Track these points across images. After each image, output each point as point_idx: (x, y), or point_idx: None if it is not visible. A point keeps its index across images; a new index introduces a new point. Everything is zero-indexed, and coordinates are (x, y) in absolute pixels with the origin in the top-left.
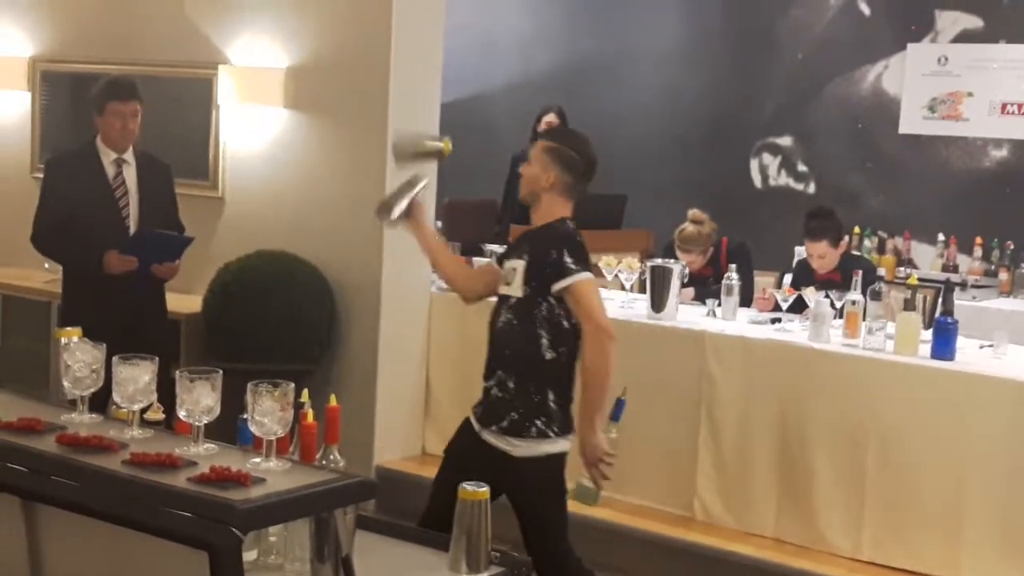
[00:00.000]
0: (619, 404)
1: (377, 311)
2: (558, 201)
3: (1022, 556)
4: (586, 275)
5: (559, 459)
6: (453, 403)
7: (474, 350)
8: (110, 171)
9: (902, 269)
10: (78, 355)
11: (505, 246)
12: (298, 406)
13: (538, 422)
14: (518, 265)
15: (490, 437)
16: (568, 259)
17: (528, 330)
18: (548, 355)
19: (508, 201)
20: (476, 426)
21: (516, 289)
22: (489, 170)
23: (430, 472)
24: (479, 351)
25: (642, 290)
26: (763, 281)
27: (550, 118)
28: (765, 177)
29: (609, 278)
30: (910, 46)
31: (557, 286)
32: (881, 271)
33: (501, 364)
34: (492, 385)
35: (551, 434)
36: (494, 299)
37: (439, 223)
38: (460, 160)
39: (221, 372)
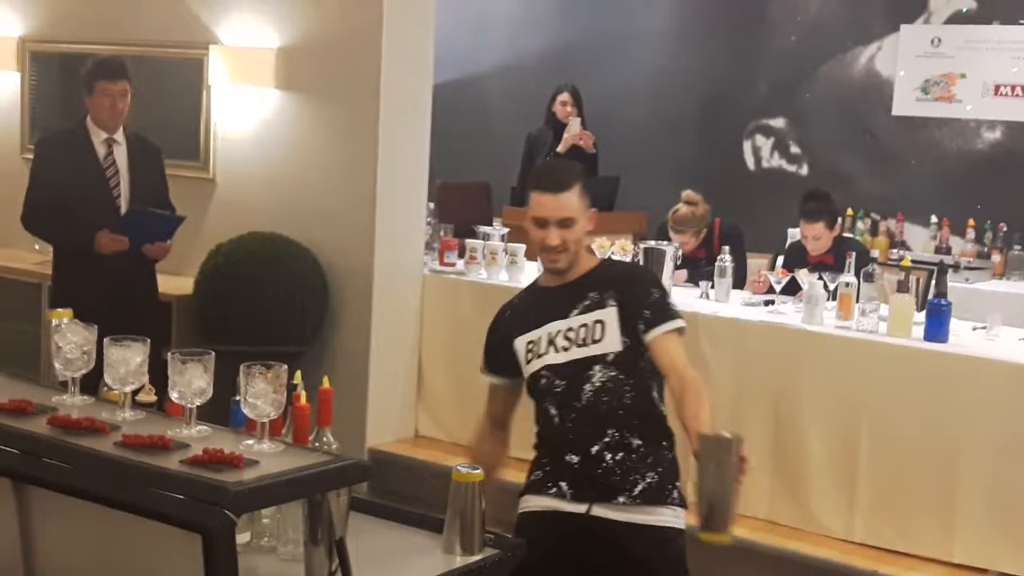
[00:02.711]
0: None
1: (370, 293)
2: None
3: (1014, 537)
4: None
5: (685, 536)
6: (446, 385)
7: (466, 332)
8: (100, 151)
9: (895, 251)
10: (69, 336)
11: (496, 229)
12: (291, 388)
13: (677, 485)
14: (605, 316)
15: (611, 512)
16: (670, 299)
17: (640, 383)
18: (663, 409)
19: (525, 178)
20: (577, 507)
21: (613, 343)
22: (481, 152)
23: (423, 454)
24: (471, 333)
25: None
26: (756, 263)
27: (564, 97)
28: (758, 159)
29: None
30: (903, 27)
31: (660, 330)
32: (874, 253)
33: (612, 423)
34: (602, 449)
35: (685, 504)
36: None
37: (431, 205)
38: (452, 142)
39: (213, 354)
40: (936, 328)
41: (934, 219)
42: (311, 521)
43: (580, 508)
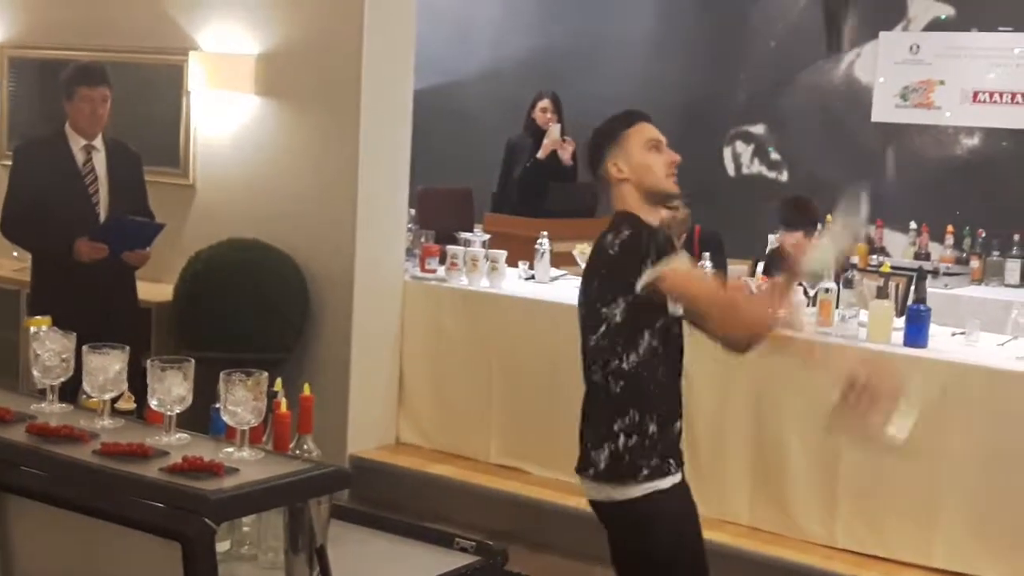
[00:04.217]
0: None
1: (350, 299)
2: None
3: (994, 543)
4: None
5: None
6: (427, 391)
7: (447, 338)
8: (79, 158)
9: (875, 257)
10: (48, 344)
11: (477, 235)
12: (271, 395)
13: None
14: None
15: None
16: None
17: None
18: None
19: (504, 185)
20: (680, 475)
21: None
22: (463, 158)
23: (404, 461)
24: (452, 339)
25: None
26: (737, 269)
27: (544, 103)
28: (738, 165)
29: (584, 265)
30: (882, 34)
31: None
32: (854, 259)
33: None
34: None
35: None
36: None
37: (412, 211)
38: (434, 148)
39: (193, 361)
40: (915, 334)
41: (913, 225)
42: (292, 529)
43: (680, 475)
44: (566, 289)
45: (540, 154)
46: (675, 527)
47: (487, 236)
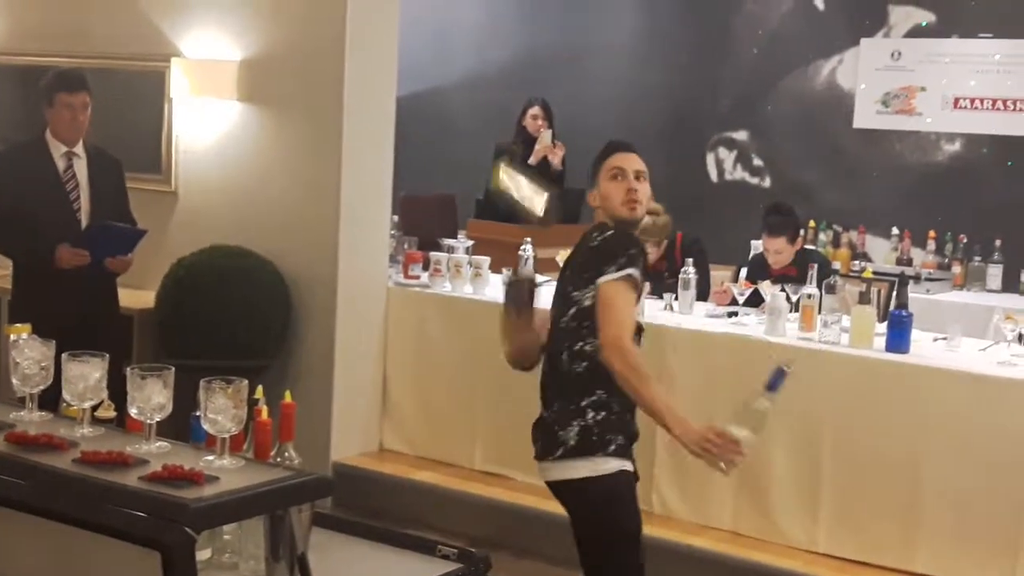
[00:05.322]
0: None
1: (333, 306)
2: None
3: (976, 547)
4: None
5: None
6: (410, 398)
7: (431, 344)
8: (60, 164)
9: (857, 263)
10: (27, 352)
11: (460, 241)
12: (252, 403)
13: None
14: None
15: None
16: None
17: None
18: None
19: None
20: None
21: None
22: (445, 164)
23: (387, 468)
24: (436, 345)
25: None
26: (720, 275)
27: (535, 111)
28: (721, 171)
29: None
30: (863, 41)
31: None
32: (836, 265)
33: None
34: None
35: None
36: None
37: (395, 217)
38: (416, 154)
39: (173, 369)
40: (897, 339)
41: (895, 231)
42: (272, 537)
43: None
44: (550, 295)
45: (531, 160)
46: (636, 506)
47: (470, 242)
